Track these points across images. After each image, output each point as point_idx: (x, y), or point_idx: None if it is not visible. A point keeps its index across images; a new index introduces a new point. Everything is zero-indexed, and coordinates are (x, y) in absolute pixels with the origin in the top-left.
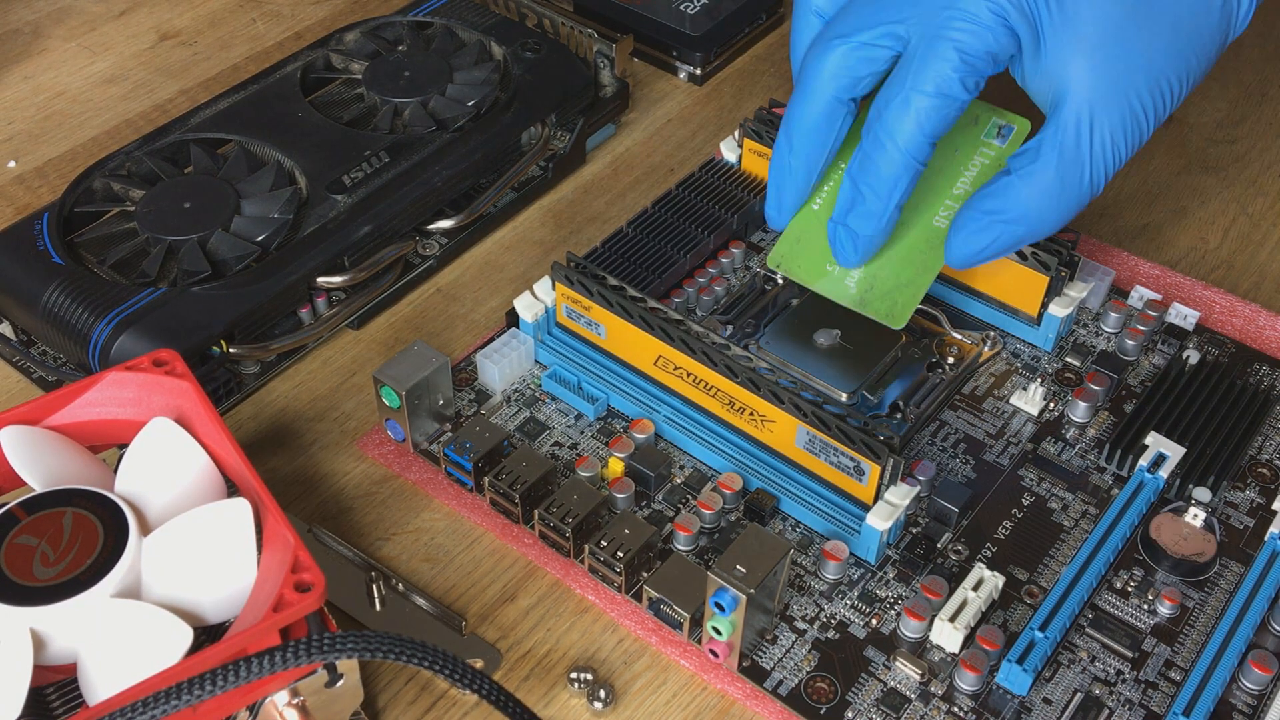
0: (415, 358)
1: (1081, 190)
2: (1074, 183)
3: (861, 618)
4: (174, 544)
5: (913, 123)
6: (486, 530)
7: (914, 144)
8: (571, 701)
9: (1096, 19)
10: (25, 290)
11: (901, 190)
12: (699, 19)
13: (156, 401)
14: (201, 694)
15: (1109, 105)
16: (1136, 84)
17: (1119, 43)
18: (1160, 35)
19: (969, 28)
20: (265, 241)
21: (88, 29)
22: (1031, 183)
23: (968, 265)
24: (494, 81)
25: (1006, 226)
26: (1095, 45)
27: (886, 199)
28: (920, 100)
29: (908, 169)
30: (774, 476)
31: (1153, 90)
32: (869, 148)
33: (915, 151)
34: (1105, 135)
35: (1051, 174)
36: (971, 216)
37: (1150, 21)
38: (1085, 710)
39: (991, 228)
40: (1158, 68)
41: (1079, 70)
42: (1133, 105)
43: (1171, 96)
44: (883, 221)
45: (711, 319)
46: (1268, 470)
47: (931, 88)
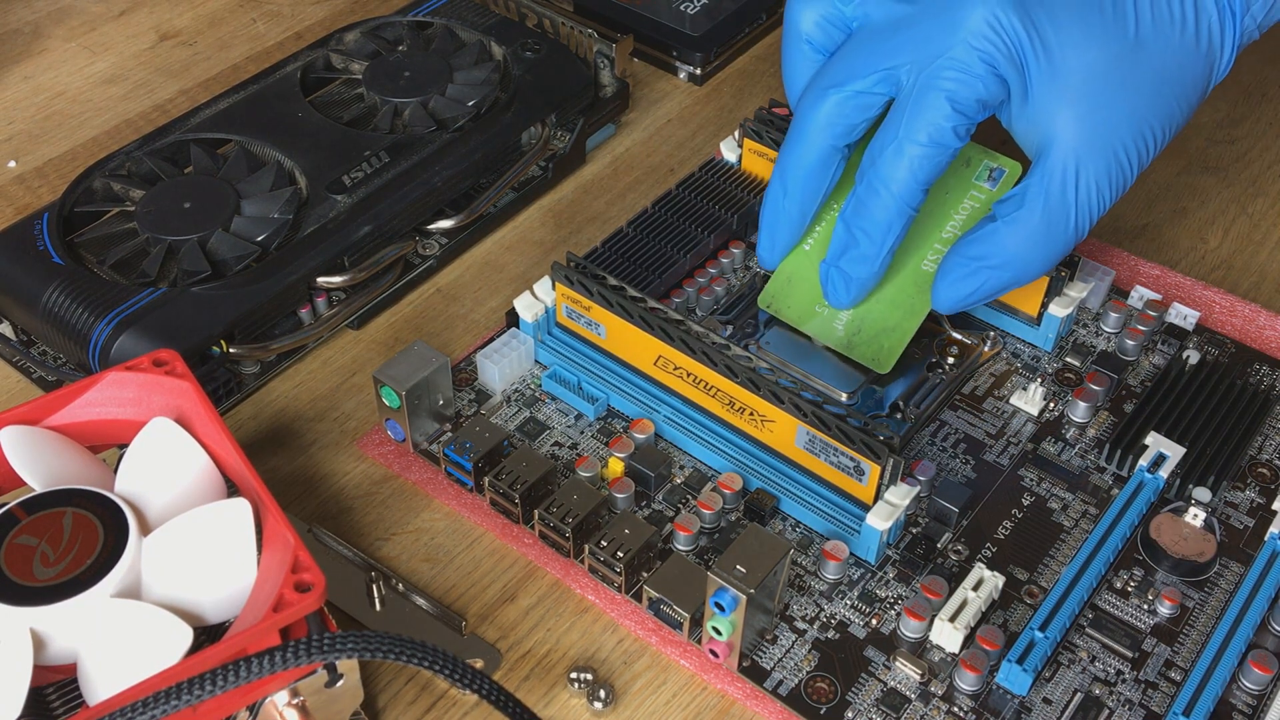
0: (415, 358)
1: (1066, 236)
2: (1059, 229)
3: (861, 618)
4: (174, 544)
5: (906, 170)
6: (486, 530)
7: (907, 190)
8: (571, 701)
9: (1082, 69)
10: (25, 290)
11: (895, 234)
12: (699, 19)
13: (156, 401)
14: (201, 694)
15: (1094, 153)
16: (1120, 132)
17: (1104, 92)
18: (1145, 84)
19: (960, 76)
20: (265, 241)
21: (88, 29)
22: (1017, 229)
23: (955, 310)
24: (494, 81)
25: (992, 272)
26: (1081, 95)
27: (880, 243)
28: (913, 149)
29: (901, 214)
30: (774, 476)
31: (1136, 138)
32: (863, 194)
33: (908, 198)
34: (1090, 182)
35: (1037, 220)
36: (957, 262)
37: (1135, 71)
38: (1085, 710)
39: (978, 274)
40: (1141, 116)
41: (1065, 119)
42: (1117, 153)
43: (1155, 143)
44: (876, 264)
45: (711, 319)
46: (1268, 470)
47: (924, 136)
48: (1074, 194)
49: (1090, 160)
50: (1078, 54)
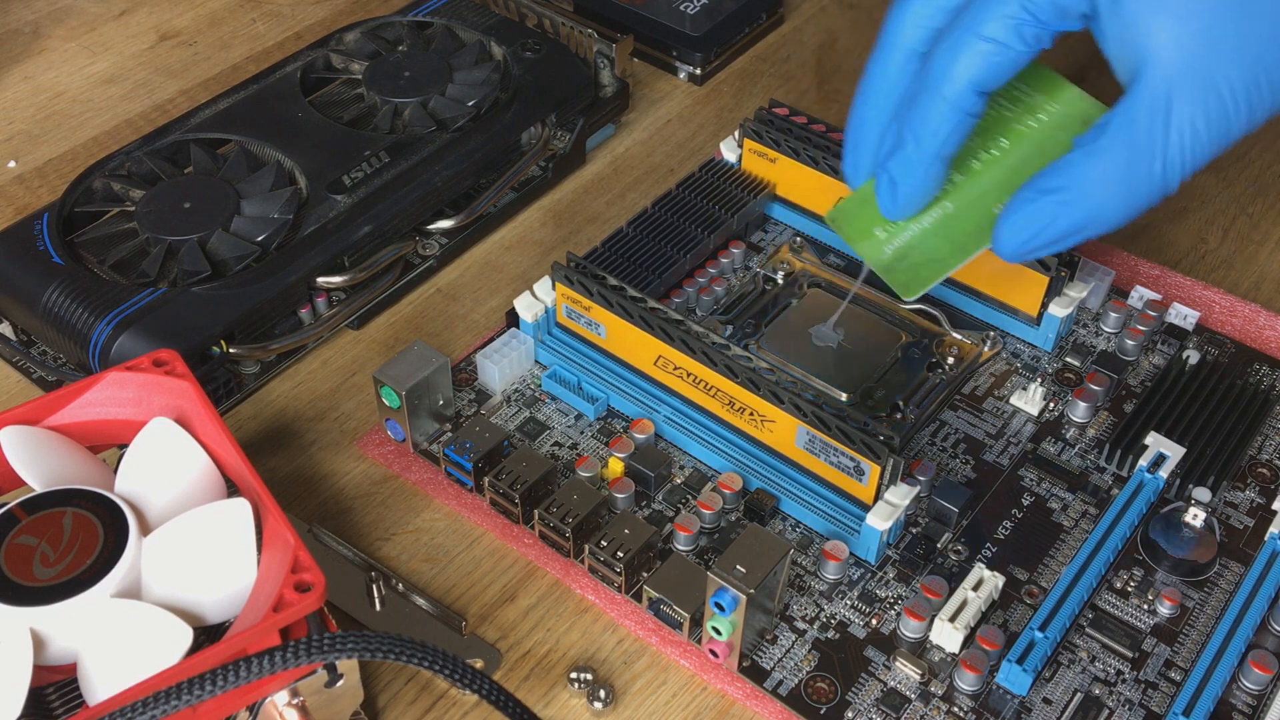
0: (415, 358)
1: (1151, 180)
2: (1143, 170)
3: (861, 618)
4: (174, 544)
5: (960, 67)
6: (486, 530)
7: (958, 90)
8: (571, 701)
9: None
10: (25, 290)
11: (941, 140)
12: (699, 19)
13: (156, 401)
14: (201, 694)
15: (1192, 85)
16: (1229, 66)
17: (1214, 11)
18: (1267, 15)
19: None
20: (265, 241)
21: (88, 29)
22: (1094, 162)
23: (1017, 256)
24: (494, 81)
25: (1062, 209)
26: (1184, 10)
27: (925, 148)
28: (971, 43)
29: (949, 117)
30: (774, 476)
31: (1249, 78)
32: (915, 90)
33: (958, 99)
34: (1185, 120)
35: (1118, 156)
36: (1027, 196)
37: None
38: (1085, 710)
39: (1046, 210)
40: (1258, 51)
41: (1162, 38)
42: (1220, 91)
43: (1273, 94)
44: (920, 172)
45: (711, 319)
46: (1268, 470)
47: (986, 30)
48: (1162, 130)
49: (1187, 92)
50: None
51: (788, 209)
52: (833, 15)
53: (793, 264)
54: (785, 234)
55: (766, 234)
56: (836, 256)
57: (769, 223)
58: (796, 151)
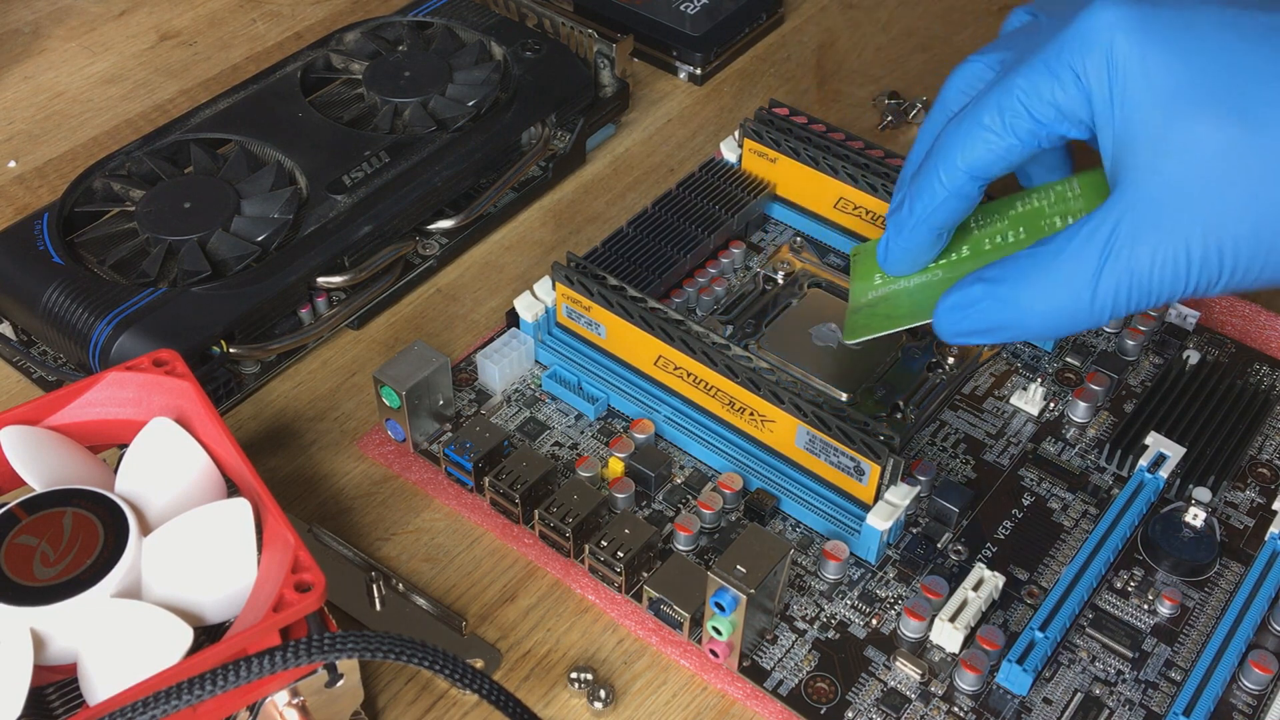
0: (415, 358)
1: (1078, 308)
2: (1073, 292)
3: (861, 618)
4: (174, 544)
5: (956, 147)
6: (486, 530)
7: (950, 170)
8: (571, 701)
9: (1182, 139)
10: (25, 290)
11: (929, 211)
12: (699, 19)
13: (156, 401)
14: (201, 694)
15: (1146, 230)
16: (1191, 223)
17: (1189, 171)
18: (1245, 193)
19: (1043, 69)
20: (265, 241)
21: (88, 29)
22: (1031, 266)
23: (949, 335)
24: (494, 81)
25: (992, 302)
26: (1158, 160)
27: (916, 214)
28: (970, 127)
29: (937, 193)
30: (774, 476)
31: (1208, 242)
32: (925, 160)
33: (949, 178)
34: (1125, 261)
35: (1054, 271)
36: (969, 279)
37: (1247, 171)
38: (1085, 710)
39: (978, 297)
40: (1225, 226)
41: (1132, 175)
42: (1176, 247)
43: (1228, 268)
44: (906, 235)
45: (711, 319)
46: (1268, 470)
47: (984, 118)
48: (1099, 261)
49: (1139, 235)
50: (1187, 130)
51: (788, 209)
52: (833, 15)
53: (793, 264)
54: (785, 234)
55: (766, 234)
56: (836, 256)
57: (769, 223)
58: (796, 151)
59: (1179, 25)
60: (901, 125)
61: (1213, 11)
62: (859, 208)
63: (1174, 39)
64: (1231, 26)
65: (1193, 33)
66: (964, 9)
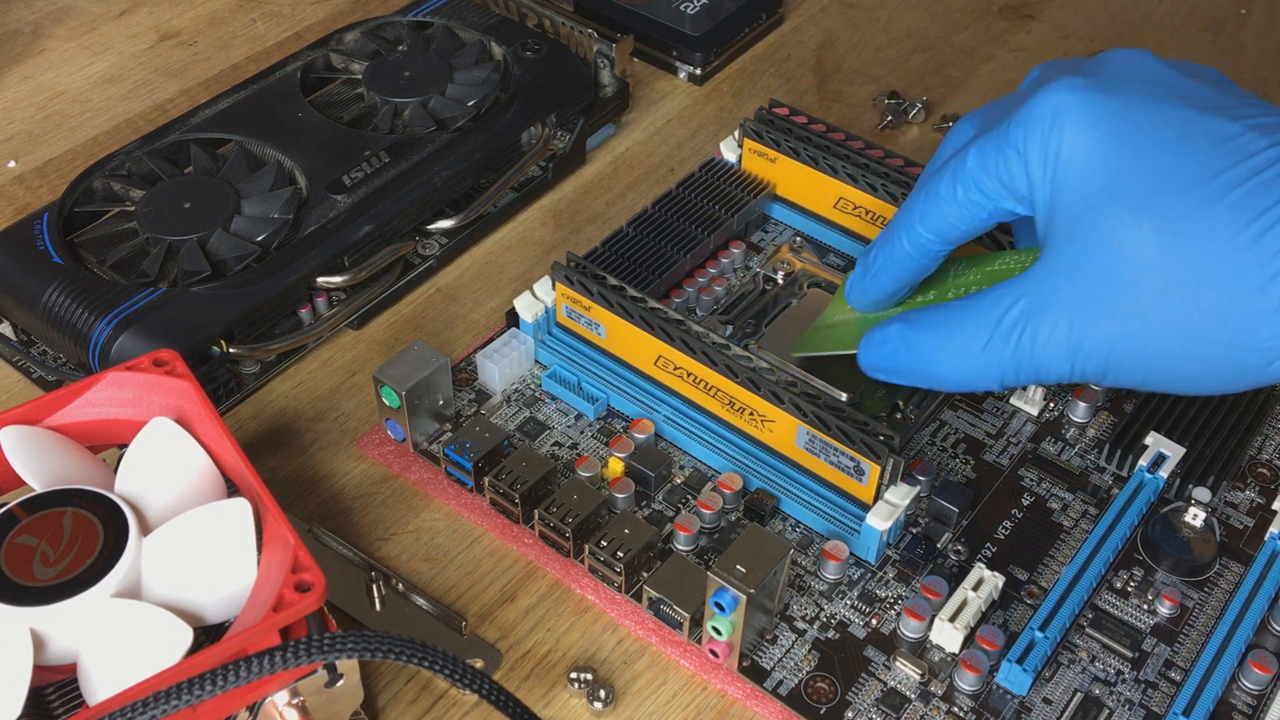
0: (415, 358)
1: (971, 368)
2: (967, 355)
3: (861, 618)
4: (174, 544)
5: (916, 209)
6: (486, 530)
7: (911, 229)
8: (571, 701)
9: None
10: (25, 290)
11: (890, 265)
12: (699, 19)
13: (156, 401)
14: (201, 694)
15: (1037, 312)
16: (1077, 317)
17: (1093, 272)
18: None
19: (996, 144)
20: (265, 241)
21: (88, 29)
22: (944, 318)
23: (869, 368)
24: (494, 81)
25: (903, 345)
26: (1069, 247)
27: (875, 262)
28: (929, 193)
29: (897, 250)
30: (774, 476)
31: (1090, 341)
32: (897, 213)
33: (910, 239)
34: (1014, 336)
35: (959, 325)
36: (892, 319)
37: (1147, 280)
38: (1085, 710)
39: (891, 339)
40: (1112, 327)
41: (1043, 259)
42: (1060, 335)
43: (1113, 368)
44: (868, 280)
45: (711, 319)
46: (1268, 470)
47: (941, 187)
48: (994, 329)
49: (1033, 314)
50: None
51: (788, 209)
52: (833, 15)
53: (793, 264)
54: (785, 234)
55: (766, 234)
56: (836, 256)
57: (769, 223)
58: (796, 151)
59: (1124, 118)
60: (901, 125)
61: (1164, 108)
62: (859, 208)
63: (1115, 130)
64: (1177, 127)
65: (1135, 128)
66: (964, 9)
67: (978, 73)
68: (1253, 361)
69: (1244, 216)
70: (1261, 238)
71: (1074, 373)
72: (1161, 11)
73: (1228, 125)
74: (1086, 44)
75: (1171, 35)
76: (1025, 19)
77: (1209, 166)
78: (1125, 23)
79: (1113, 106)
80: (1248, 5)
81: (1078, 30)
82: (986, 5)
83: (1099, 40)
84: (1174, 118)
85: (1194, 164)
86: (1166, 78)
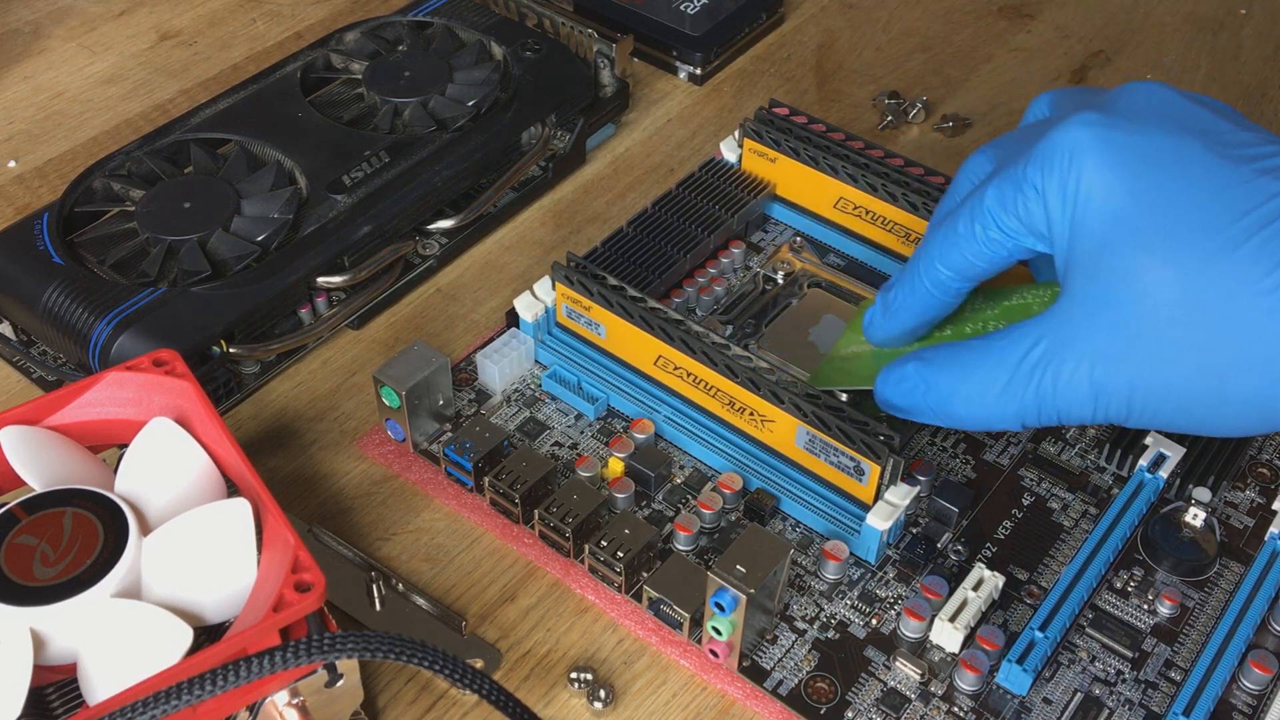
0: (415, 358)
1: (991, 408)
2: (986, 396)
3: (861, 618)
4: (174, 544)
5: (935, 247)
6: (486, 530)
7: (930, 267)
8: (571, 701)
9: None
10: (25, 290)
11: (910, 302)
12: (699, 19)
13: (156, 401)
14: (201, 694)
15: (1058, 352)
16: (1098, 360)
17: (1112, 313)
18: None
19: (1015, 180)
20: (265, 241)
21: (88, 29)
22: (962, 357)
23: (884, 405)
24: (494, 81)
25: (919, 384)
26: (1089, 287)
27: (894, 297)
28: (947, 231)
29: (918, 288)
30: (774, 476)
31: (1112, 384)
32: (916, 250)
33: (929, 276)
34: (1035, 378)
35: (978, 364)
36: (908, 356)
37: (1167, 322)
38: (1085, 710)
39: (909, 379)
40: (1133, 369)
41: (1063, 299)
42: (1080, 377)
43: (1136, 410)
44: (889, 318)
45: (711, 319)
46: (1268, 470)
47: (960, 224)
48: (1014, 369)
49: (1054, 355)
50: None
51: (788, 209)
52: (833, 15)
53: (793, 264)
54: (785, 234)
55: (766, 234)
56: (836, 256)
57: (769, 223)
58: (796, 151)
59: (1143, 156)
60: (901, 125)
61: (1184, 147)
62: (859, 208)
63: (1134, 169)
64: (1198, 166)
65: (1155, 167)
66: (964, 9)
67: (978, 73)
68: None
69: (1268, 261)
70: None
71: (1097, 414)
72: (1161, 11)
73: (1246, 165)
74: (1086, 44)
75: (1171, 35)
76: (1025, 19)
77: (1232, 209)
78: (1125, 23)
79: (1131, 144)
80: (1248, 5)
81: (1078, 30)
82: (986, 5)
83: (1099, 40)
84: (1194, 157)
85: (1216, 206)
86: (1186, 113)
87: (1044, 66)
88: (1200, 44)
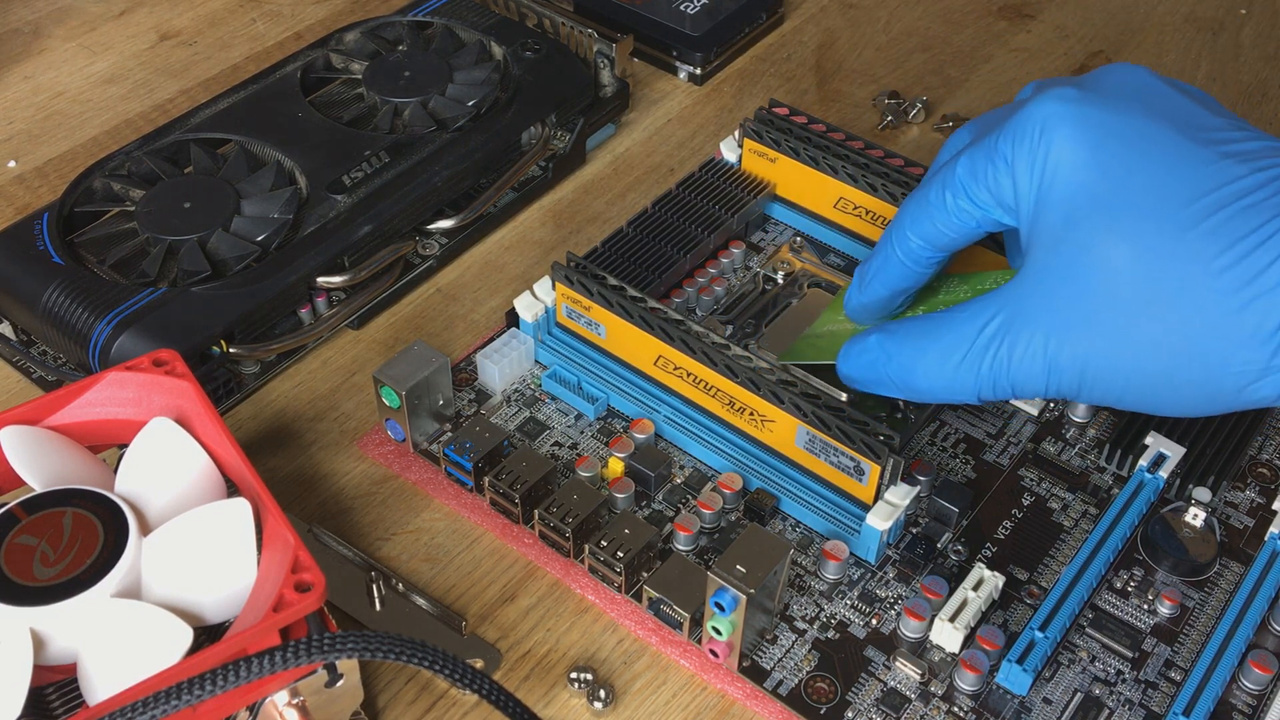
0: (415, 358)
1: (949, 380)
2: (945, 367)
3: (861, 618)
4: (174, 544)
5: (907, 217)
6: (486, 530)
7: (902, 237)
8: (571, 701)
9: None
10: (25, 290)
11: (883, 273)
12: (699, 19)
13: (156, 401)
14: (201, 694)
15: (1015, 325)
16: (1052, 332)
17: (1071, 287)
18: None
19: (987, 153)
20: (265, 241)
21: (88, 29)
22: (923, 329)
23: (846, 378)
24: (494, 81)
25: (881, 356)
26: (1051, 260)
27: (869, 271)
28: (919, 200)
29: (890, 258)
30: (774, 476)
31: (1064, 357)
32: (891, 221)
33: (902, 246)
34: (990, 350)
35: (938, 336)
36: (871, 329)
37: (1124, 297)
38: (1085, 710)
39: (871, 351)
40: (1088, 343)
41: (1023, 272)
42: (1035, 349)
43: (1087, 386)
44: (864, 290)
45: (711, 319)
46: (1268, 470)
47: (931, 194)
48: (972, 342)
49: (1011, 327)
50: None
51: (788, 209)
52: (833, 15)
53: (793, 264)
54: (785, 234)
55: (766, 234)
56: (836, 256)
57: (769, 223)
58: (796, 151)
59: (1115, 133)
60: (901, 125)
61: (1153, 126)
62: (859, 208)
63: (1102, 145)
64: (1163, 146)
65: (1122, 143)
66: (964, 9)
67: (978, 73)
68: (1228, 386)
69: (1221, 242)
70: (1238, 264)
71: (1049, 389)
72: (1161, 11)
73: (1213, 148)
74: (1086, 44)
75: (1171, 35)
76: (1025, 19)
77: (1191, 189)
78: (1125, 23)
79: (1102, 120)
80: (1248, 5)
81: (1078, 30)
82: (986, 5)
83: (1099, 40)
84: (1163, 137)
85: (1177, 185)
86: (1160, 96)
87: (1044, 67)
88: (1200, 44)
